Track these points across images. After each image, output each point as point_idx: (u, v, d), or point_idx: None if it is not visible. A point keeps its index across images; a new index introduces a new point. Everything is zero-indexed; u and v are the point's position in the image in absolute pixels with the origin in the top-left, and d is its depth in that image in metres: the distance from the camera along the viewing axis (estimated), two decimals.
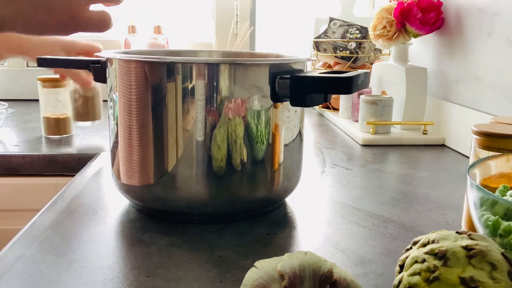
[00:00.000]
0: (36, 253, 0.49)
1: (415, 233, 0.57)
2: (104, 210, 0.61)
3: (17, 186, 0.91)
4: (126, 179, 0.58)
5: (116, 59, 0.56)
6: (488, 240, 0.35)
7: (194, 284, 0.44)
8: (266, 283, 0.33)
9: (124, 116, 0.56)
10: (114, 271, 0.46)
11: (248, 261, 0.48)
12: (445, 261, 0.33)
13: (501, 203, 0.39)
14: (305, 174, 0.78)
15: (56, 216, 0.59)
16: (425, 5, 1.03)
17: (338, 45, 1.33)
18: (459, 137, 0.97)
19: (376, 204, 0.66)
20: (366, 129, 1.05)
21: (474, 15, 0.94)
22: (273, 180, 0.58)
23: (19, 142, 0.98)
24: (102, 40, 1.03)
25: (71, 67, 0.69)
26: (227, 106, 0.53)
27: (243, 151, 0.55)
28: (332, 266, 0.34)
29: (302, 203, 0.66)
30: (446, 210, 0.64)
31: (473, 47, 0.95)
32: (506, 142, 0.50)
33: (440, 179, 0.78)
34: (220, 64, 0.52)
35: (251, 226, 0.57)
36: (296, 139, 0.61)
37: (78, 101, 1.02)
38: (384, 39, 1.09)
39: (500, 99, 0.86)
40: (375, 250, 0.52)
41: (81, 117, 1.03)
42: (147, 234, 0.54)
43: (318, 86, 0.50)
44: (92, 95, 1.03)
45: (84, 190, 0.69)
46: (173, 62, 0.52)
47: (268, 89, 0.54)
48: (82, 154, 0.90)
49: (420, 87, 1.07)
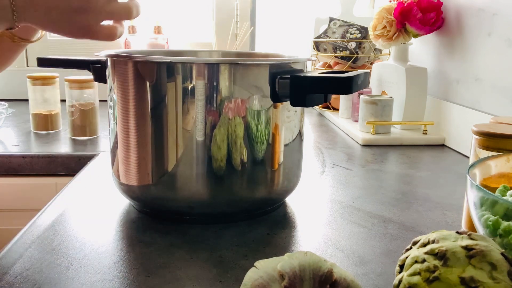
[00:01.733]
0: (36, 253, 0.49)
1: (415, 233, 0.57)
2: (104, 210, 0.61)
3: (17, 186, 0.91)
4: (126, 179, 0.58)
5: (116, 59, 0.56)
6: (488, 240, 0.35)
7: (194, 284, 0.44)
8: (266, 283, 0.33)
9: (124, 116, 0.56)
10: (114, 271, 0.46)
11: (248, 261, 0.48)
12: (445, 261, 0.33)
13: (501, 203, 0.39)
14: (305, 174, 0.78)
15: (56, 216, 0.59)
16: (425, 5, 1.03)
17: (338, 45, 1.33)
18: (459, 137, 0.97)
19: (376, 204, 0.66)
20: (366, 129, 1.05)
21: (474, 15, 0.94)
22: (273, 180, 0.58)
23: (19, 142, 0.98)
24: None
25: (71, 67, 0.69)
26: (227, 106, 0.53)
27: (243, 151, 0.55)
28: (332, 266, 0.34)
29: (302, 203, 0.66)
30: (446, 210, 0.64)
31: (473, 47, 0.95)
32: (506, 142, 0.50)
33: (440, 179, 0.78)
34: (220, 64, 0.52)
35: (251, 226, 0.57)
36: (296, 139, 0.61)
37: (74, 115, 1.02)
38: (384, 39, 1.09)
39: (500, 99, 0.86)
40: (375, 250, 0.52)
41: (78, 132, 1.02)
42: (147, 234, 0.54)
43: (318, 86, 0.50)
44: (90, 108, 1.02)
45: (84, 190, 0.69)
46: (173, 62, 0.52)
47: (268, 89, 0.54)
48: (82, 154, 0.90)
49: (420, 87, 1.07)
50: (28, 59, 1.57)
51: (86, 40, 0.53)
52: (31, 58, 1.56)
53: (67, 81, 1.01)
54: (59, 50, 1.56)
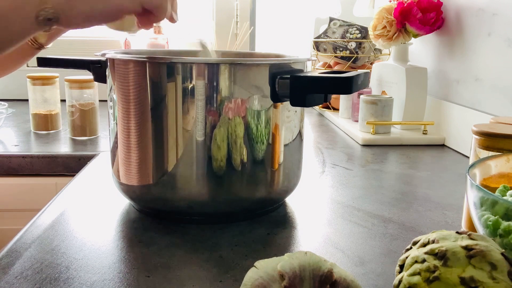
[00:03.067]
0: (36, 253, 0.49)
1: (415, 233, 0.57)
2: (104, 210, 0.61)
3: (17, 186, 0.91)
4: (126, 179, 0.58)
5: (116, 59, 0.56)
6: (488, 240, 0.35)
7: (194, 284, 0.44)
8: (266, 283, 0.33)
9: (124, 116, 0.56)
10: (114, 271, 0.46)
11: (248, 261, 0.48)
12: (445, 261, 0.33)
13: (501, 203, 0.39)
14: (305, 174, 0.78)
15: (56, 216, 0.59)
16: (425, 5, 1.03)
17: (338, 45, 1.33)
18: (459, 137, 0.97)
19: (376, 204, 0.66)
20: (366, 129, 1.05)
21: (474, 15, 0.94)
22: (273, 180, 0.58)
23: (19, 142, 0.98)
24: (102, 40, 1.03)
25: (71, 67, 0.69)
26: (227, 106, 0.53)
27: (243, 151, 0.55)
28: (332, 266, 0.34)
29: (302, 203, 0.66)
30: (446, 210, 0.64)
31: (473, 47, 0.95)
32: (506, 142, 0.50)
33: (440, 179, 0.78)
34: (220, 64, 0.52)
35: (251, 226, 0.57)
36: (296, 139, 0.61)
37: (74, 115, 1.02)
38: (384, 39, 1.09)
39: (500, 99, 0.86)
40: (375, 250, 0.52)
41: (78, 132, 1.02)
42: (147, 234, 0.54)
43: (318, 86, 0.50)
44: (89, 108, 1.02)
45: (84, 190, 0.69)
46: (173, 62, 0.52)
47: (268, 89, 0.54)
48: (82, 154, 0.90)
49: (420, 87, 1.07)
50: None
51: (85, 40, 0.53)
52: None
53: (67, 81, 1.01)
54: (59, 50, 1.56)
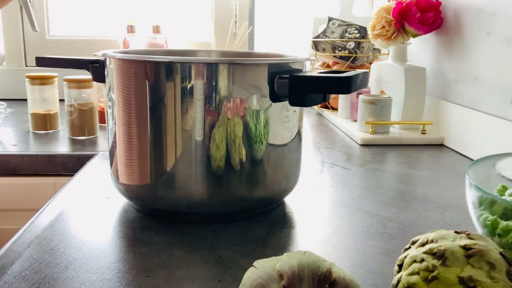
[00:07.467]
0: (34, 252, 0.49)
1: (413, 232, 0.57)
2: (103, 210, 0.61)
3: (16, 186, 0.91)
4: (125, 179, 0.58)
5: (115, 59, 0.56)
6: (486, 240, 0.35)
7: (193, 284, 0.44)
8: (265, 282, 0.33)
9: (123, 116, 0.56)
10: (113, 271, 0.46)
11: (247, 260, 0.48)
12: (444, 260, 0.33)
13: (499, 202, 0.39)
14: (304, 173, 0.78)
15: (54, 216, 0.59)
16: (423, 5, 1.03)
17: (337, 44, 1.33)
18: (457, 137, 0.97)
19: (375, 203, 0.66)
20: (365, 129, 1.05)
21: (472, 15, 0.94)
22: (272, 179, 0.58)
23: (18, 142, 0.98)
24: (100, 40, 1.03)
25: (70, 66, 0.69)
26: (226, 106, 0.53)
27: (242, 150, 0.55)
28: (331, 265, 0.34)
29: (301, 203, 0.66)
30: (444, 210, 0.64)
31: (472, 47, 0.95)
32: None
33: (438, 179, 0.78)
34: (219, 63, 0.52)
35: (250, 226, 0.57)
36: (295, 138, 0.61)
37: (73, 114, 1.02)
38: (383, 39, 1.09)
39: (498, 99, 0.86)
40: (374, 249, 0.52)
41: (77, 131, 1.02)
42: (146, 234, 0.54)
43: (317, 86, 0.50)
44: (88, 107, 1.02)
45: (83, 190, 0.69)
46: (172, 61, 0.52)
47: (267, 89, 0.54)
48: (80, 154, 0.90)
49: (418, 87, 1.07)
50: (27, 59, 1.57)
51: (84, 40, 0.53)
52: (29, 57, 1.56)
53: (65, 81, 1.01)
54: (58, 49, 1.55)
